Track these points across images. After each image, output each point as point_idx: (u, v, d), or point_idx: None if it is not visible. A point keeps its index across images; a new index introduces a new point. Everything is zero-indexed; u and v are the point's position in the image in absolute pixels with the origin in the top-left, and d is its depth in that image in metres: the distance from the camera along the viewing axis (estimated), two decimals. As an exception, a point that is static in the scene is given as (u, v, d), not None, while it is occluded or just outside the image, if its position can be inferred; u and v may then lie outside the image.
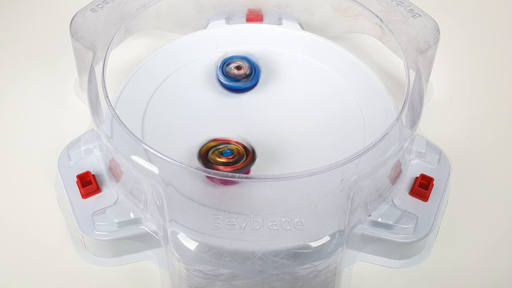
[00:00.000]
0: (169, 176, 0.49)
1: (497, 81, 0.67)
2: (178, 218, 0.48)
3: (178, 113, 0.57)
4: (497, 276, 0.53)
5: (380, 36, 0.64)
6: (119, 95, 0.58)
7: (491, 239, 0.55)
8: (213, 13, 0.66)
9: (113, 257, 0.53)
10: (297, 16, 0.66)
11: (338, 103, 0.58)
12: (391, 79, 0.65)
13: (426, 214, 0.53)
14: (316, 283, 0.49)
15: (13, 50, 0.68)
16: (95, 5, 0.60)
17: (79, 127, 0.60)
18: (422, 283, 0.53)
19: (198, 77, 0.60)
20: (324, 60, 0.61)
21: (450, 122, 0.63)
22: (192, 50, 0.62)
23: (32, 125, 0.62)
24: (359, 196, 0.50)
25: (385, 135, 0.50)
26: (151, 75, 0.60)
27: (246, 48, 0.62)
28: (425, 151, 0.56)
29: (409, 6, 0.60)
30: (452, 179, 0.57)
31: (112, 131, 0.52)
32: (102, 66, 0.55)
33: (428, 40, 0.58)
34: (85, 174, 0.54)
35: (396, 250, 0.53)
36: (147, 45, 0.68)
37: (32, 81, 0.65)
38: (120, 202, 0.53)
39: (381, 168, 0.50)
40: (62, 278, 0.53)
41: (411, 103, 0.53)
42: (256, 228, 0.47)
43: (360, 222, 0.52)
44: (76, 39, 0.58)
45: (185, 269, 0.48)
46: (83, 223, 0.52)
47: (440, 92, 0.65)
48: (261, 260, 0.47)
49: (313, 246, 0.47)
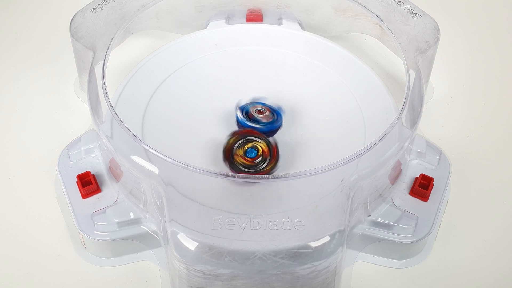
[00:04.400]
0: (169, 176, 0.49)
1: (497, 81, 0.67)
2: (178, 218, 0.48)
3: (178, 113, 0.57)
4: (497, 276, 0.53)
5: (380, 36, 0.64)
6: (119, 95, 0.58)
7: (491, 239, 0.55)
8: (213, 13, 0.66)
9: (113, 257, 0.53)
10: (297, 16, 0.66)
11: (338, 103, 0.58)
12: (391, 79, 0.65)
13: (426, 214, 0.53)
14: (316, 283, 0.49)
15: (13, 50, 0.68)
16: (95, 5, 0.60)
17: (79, 127, 0.60)
18: (422, 283, 0.53)
19: (198, 77, 0.60)
20: (324, 60, 0.61)
21: (450, 122, 0.63)
22: (192, 50, 0.62)
23: (32, 125, 0.62)
24: (359, 196, 0.50)
25: (385, 135, 0.50)
26: (151, 75, 0.60)
27: (246, 48, 0.62)
28: (425, 151, 0.56)
29: (409, 6, 0.60)
30: (452, 179, 0.57)
31: (112, 131, 0.52)
32: (102, 66, 0.55)
33: (428, 40, 0.58)
34: (85, 174, 0.54)
35: (396, 250, 0.53)
36: (147, 45, 0.68)
37: (32, 81, 0.65)
38: (120, 202, 0.53)
39: (381, 168, 0.50)
40: (62, 278, 0.53)
41: (411, 103, 0.53)
42: (256, 228, 0.47)
43: (360, 222, 0.52)
44: (76, 39, 0.58)
45: (185, 269, 0.48)
46: (83, 223, 0.52)
47: (440, 92, 0.65)
48: (261, 260, 0.47)
49: (313, 246, 0.47)
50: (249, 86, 0.59)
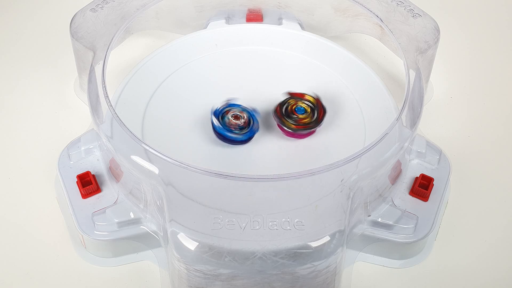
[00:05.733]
0: (169, 176, 0.49)
1: (497, 81, 0.67)
2: (178, 218, 0.48)
3: (178, 113, 0.57)
4: (497, 276, 0.53)
5: (380, 36, 0.64)
6: (119, 95, 0.58)
7: (491, 239, 0.55)
8: (213, 13, 0.66)
9: (113, 257, 0.53)
10: (297, 16, 0.66)
11: (338, 103, 0.58)
12: (391, 79, 0.65)
13: (426, 214, 0.53)
14: (316, 283, 0.49)
15: (13, 50, 0.68)
16: (95, 5, 0.60)
17: (79, 127, 0.60)
18: (422, 283, 0.53)
19: (198, 77, 0.60)
20: (324, 60, 0.61)
21: (450, 122, 0.63)
22: (192, 50, 0.62)
23: (32, 125, 0.62)
24: (359, 196, 0.50)
25: (385, 135, 0.50)
26: (151, 75, 0.60)
27: (246, 48, 0.62)
28: (425, 151, 0.56)
29: (409, 6, 0.60)
30: (452, 179, 0.57)
31: (112, 131, 0.52)
32: (102, 66, 0.55)
33: (428, 40, 0.58)
34: (85, 174, 0.54)
35: (396, 250, 0.53)
36: (147, 45, 0.68)
37: (32, 81, 0.65)
38: (120, 202, 0.53)
39: (381, 168, 0.50)
40: (62, 278, 0.53)
41: (411, 103, 0.53)
42: (256, 228, 0.47)
43: (360, 222, 0.52)
44: (76, 39, 0.58)
45: (185, 269, 0.48)
46: (83, 223, 0.52)
47: (440, 92, 0.65)
48: (261, 260, 0.47)
49: (313, 246, 0.47)
50: (249, 86, 0.59)
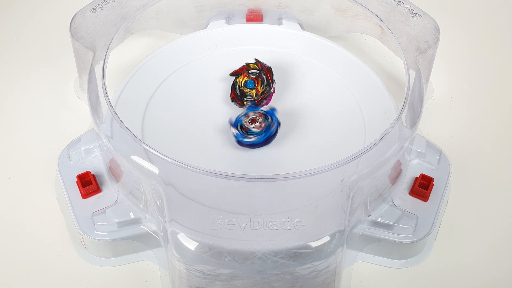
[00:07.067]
0: (169, 176, 0.49)
1: (497, 81, 0.67)
2: (178, 218, 0.48)
3: (178, 113, 0.57)
4: (497, 276, 0.53)
5: (380, 36, 0.64)
6: (119, 95, 0.58)
7: (491, 239, 0.55)
8: (213, 13, 0.66)
9: (113, 257, 0.53)
10: (297, 16, 0.66)
11: (338, 103, 0.58)
12: (391, 79, 0.65)
13: (426, 214, 0.53)
14: (316, 283, 0.49)
15: (13, 50, 0.68)
16: (95, 5, 0.60)
17: (79, 127, 0.60)
18: (422, 283, 0.53)
19: (198, 77, 0.60)
20: (324, 60, 0.61)
21: (450, 122, 0.63)
22: (192, 50, 0.62)
23: (32, 125, 0.62)
24: (359, 196, 0.50)
25: (385, 135, 0.50)
26: (151, 75, 0.60)
27: (246, 48, 0.62)
28: (425, 151, 0.56)
29: (409, 6, 0.60)
30: (452, 179, 0.57)
31: (112, 131, 0.52)
32: (102, 66, 0.55)
33: (428, 40, 0.58)
34: (85, 174, 0.54)
35: (396, 250, 0.53)
36: (147, 45, 0.68)
37: (32, 81, 0.65)
38: (120, 202, 0.53)
39: (381, 168, 0.50)
40: (62, 278, 0.53)
41: (411, 103, 0.53)
42: (256, 228, 0.47)
43: (360, 222, 0.52)
44: (76, 39, 0.58)
45: (185, 269, 0.48)
46: (83, 223, 0.52)
47: (440, 92, 0.65)
48: (261, 260, 0.47)
49: (313, 246, 0.47)
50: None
